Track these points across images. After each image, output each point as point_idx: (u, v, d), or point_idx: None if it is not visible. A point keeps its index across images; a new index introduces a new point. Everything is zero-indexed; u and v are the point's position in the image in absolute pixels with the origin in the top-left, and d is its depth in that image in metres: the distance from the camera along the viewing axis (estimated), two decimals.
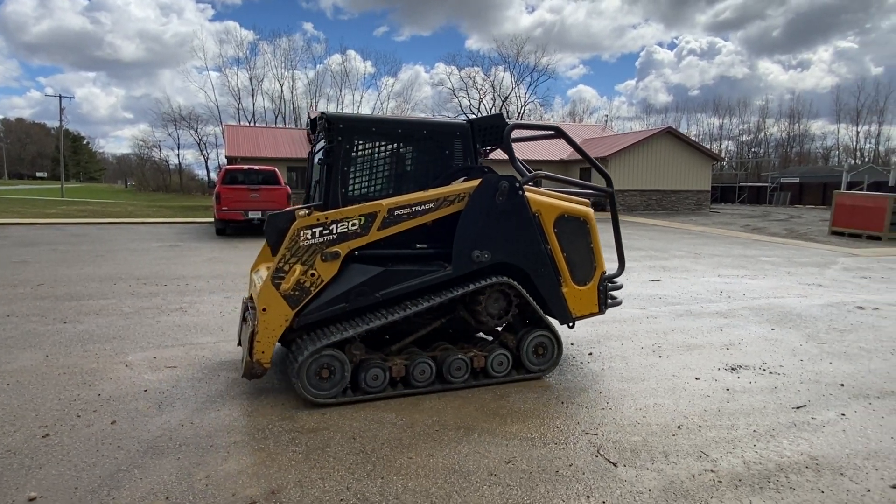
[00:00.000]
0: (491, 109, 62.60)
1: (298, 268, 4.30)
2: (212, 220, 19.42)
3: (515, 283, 4.80)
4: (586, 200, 5.52)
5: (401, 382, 4.57)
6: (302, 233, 4.32)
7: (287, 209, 5.09)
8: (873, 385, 4.97)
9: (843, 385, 4.96)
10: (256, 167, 17.10)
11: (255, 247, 13.68)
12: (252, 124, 55.14)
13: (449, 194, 4.68)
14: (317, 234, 4.34)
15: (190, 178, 70.87)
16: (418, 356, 4.62)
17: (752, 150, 65.97)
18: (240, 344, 5.27)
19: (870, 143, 57.60)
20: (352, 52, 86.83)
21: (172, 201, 40.02)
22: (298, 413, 4.16)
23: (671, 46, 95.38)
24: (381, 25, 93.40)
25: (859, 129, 57.78)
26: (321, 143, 4.94)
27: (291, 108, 62.63)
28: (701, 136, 65.68)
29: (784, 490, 3.23)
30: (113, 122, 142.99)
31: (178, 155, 75.56)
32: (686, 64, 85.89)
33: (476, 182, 4.74)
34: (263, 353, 4.27)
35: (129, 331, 6.27)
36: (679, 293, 9.01)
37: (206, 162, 67.42)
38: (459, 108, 63.31)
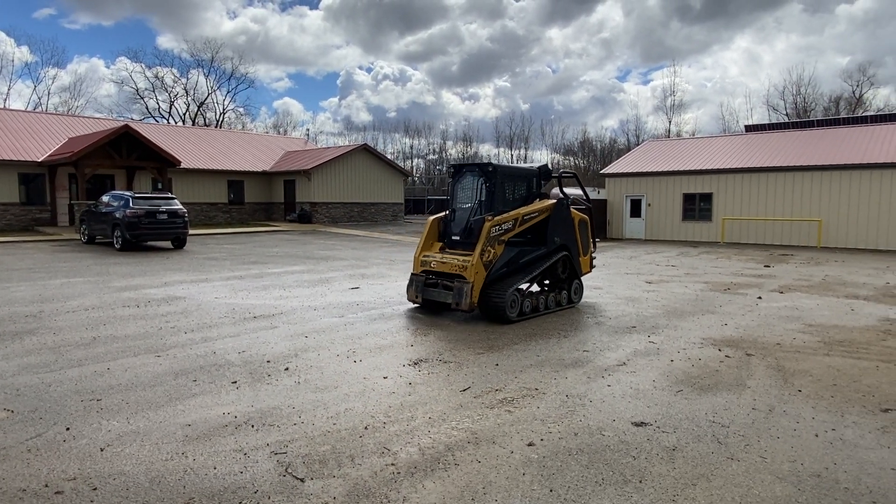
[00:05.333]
0: (185, 114, 57.34)
1: (490, 249, 7.82)
2: None
3: (568, 254, 9.06)
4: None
5: (533, 310, 8.29)
6: (492, 228, 7.86)
7: (479, 216, 8.18)
8: (518, 362, 6.02)
9: (497, 365, 5.87)
10: None
11: None
12: None
13: (543, 208, 8.70)
14: (496, 230, 7.92)
15: None
16: (540, 295, 8.54)
17: (438, 167, 74.93)
18: (416, 301, 8.55)
19: (521, 164, 71.16)
20: None
21: None
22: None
23: (369, 70, 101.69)
24: (43, 7, 76.50)
25: (513, 153, 70.67)
26: (483, 179, 8.32)
27: None
28: (396, 154, 71.58)
29: (451, 467, 3.63)
30: None
31: None
32: (383, 87, 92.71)
33: (553, 201, 8.87)
34: (476, 296, 7.68)
35: None
36: (375, 298, 9.55)
37: None
38: (146, 110, 56.28)
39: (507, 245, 8.15)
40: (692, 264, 15.58)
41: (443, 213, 8.86)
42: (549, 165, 10.04)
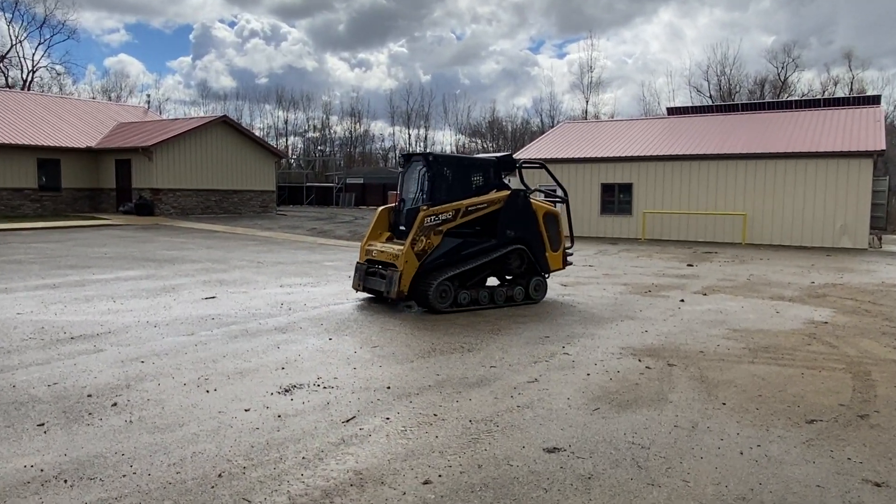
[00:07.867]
0: None
1: (423, 239, 9.16)
2: None
3: (525, 248, 10.16)
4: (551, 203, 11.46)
5: (472, 303, 9.63)
6: (426, 218, 9.18)
7: (416, 206, 9.55)
8: (414, 383, 6.02)
9: (389, 388, 5.84)
10: None
11: None
12: None
13: (494, 199, 9.92)
14: (432, 220, 9.23)
15: None
16: (482, 288, 9.90)
17: (319, 147, 73.54)
18: (358, 290, 10.14)
19: (420, 145, 71.51)
20: None
21: None
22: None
23: (232, 24, 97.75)
24: None
25: (411, 132, 71.10)
26: (425, 169, 9.73)
27: None
28: (267, 131, 69.46)
29: None
30: None
31: None
32: (252, 47, 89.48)
33: (507, 192, 10.10)
34: (404, 285, 9.08)
35: None
36: (236, 310, 9.17)
37: None
38: None
39: (448, 235, 9.43)
40: (611, 264, 16.47)
41: (393, 204, 10.38)
42: (475, 152, 11.05)
